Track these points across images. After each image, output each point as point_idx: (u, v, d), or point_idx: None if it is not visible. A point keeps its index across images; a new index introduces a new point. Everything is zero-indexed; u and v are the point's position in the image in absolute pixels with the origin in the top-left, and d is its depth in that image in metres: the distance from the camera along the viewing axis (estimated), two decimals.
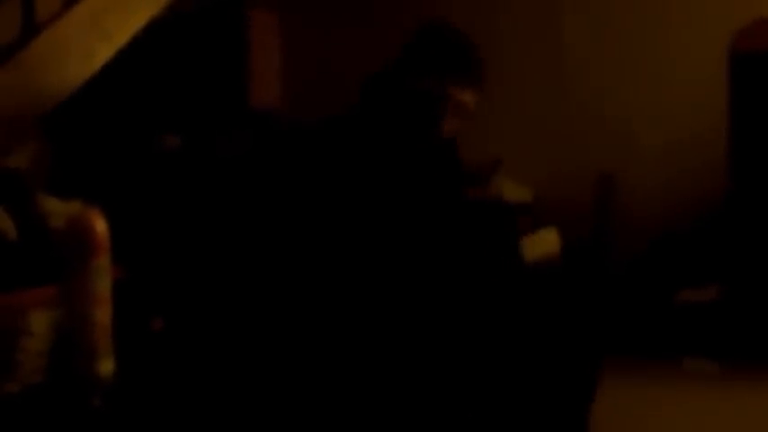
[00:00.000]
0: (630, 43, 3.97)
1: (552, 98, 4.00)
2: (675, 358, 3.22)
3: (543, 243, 2.54)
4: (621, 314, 3.44)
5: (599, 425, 2.19)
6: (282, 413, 1.62)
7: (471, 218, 1.99)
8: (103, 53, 2.21)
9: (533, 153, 3.87)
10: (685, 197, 3.83)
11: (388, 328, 1.74)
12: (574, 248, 3.16)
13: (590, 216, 3.77)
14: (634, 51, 3.96)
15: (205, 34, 3.64)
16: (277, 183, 2.00)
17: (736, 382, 3.07)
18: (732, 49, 3.74)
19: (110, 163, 2.87)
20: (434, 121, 1.94)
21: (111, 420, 1.43)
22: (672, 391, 2.92)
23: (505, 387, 1.87)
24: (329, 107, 2.28)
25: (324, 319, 1.71)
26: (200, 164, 2.81)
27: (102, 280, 1.44)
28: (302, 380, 1.66)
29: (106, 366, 1.45)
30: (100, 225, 1.46)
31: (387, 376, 1.68)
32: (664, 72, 3.94)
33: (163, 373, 1.60)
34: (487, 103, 4.04)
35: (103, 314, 1.44)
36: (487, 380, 1.82)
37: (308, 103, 3.67)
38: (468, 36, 2.17)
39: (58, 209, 1.72)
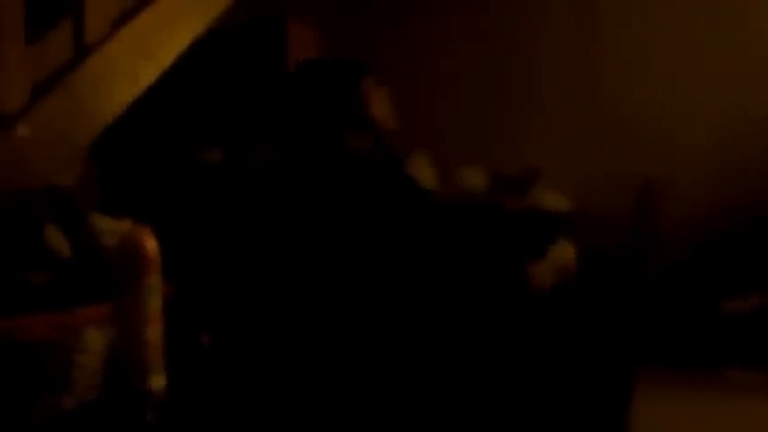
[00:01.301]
0: (670, 42, 3.93)
1: (591, 104, 3.98)
2: (719, 370, 3.18)
3: (558, 258, 2.52)
4: (662, 323, 3.41)
5: None
6: (326, 423, 1.65)
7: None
8: (149, 73, 2.26)
9: (573, 161, 3.86)
10: (730, 201, 3.78)
11: (415, 351, 1.77)
12: (614, 256, 3.15)
13: (633, 223, 3.75)
14: (674, 51, 3.92)
15: (244, 49, 3.70)
16: (315, 198, 2.03)
17: None
18: None
19: (154, 179, 2.93)
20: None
21: None
22: (714, 405, 2.88)
23: (538, 401, 1.88)
24: None
25: (373, 334, 1.73)
26: (242, 178, 2.86)
27: (154, 298, 1.49)
28: (345, 393, 1.69)
29: (158, 382, 1.49)
30: (151, 244, 1.50)
31: (415, 396, 1.70)
32: (706, 71, 3.89)
33: (212, 388, 1.64)
34: (525, 112, 4.06)
35: (155, 331, 1.49)
36: (518, 395, 1.83)
37: None
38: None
39: (109, 228, 1.77)
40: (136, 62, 2.22)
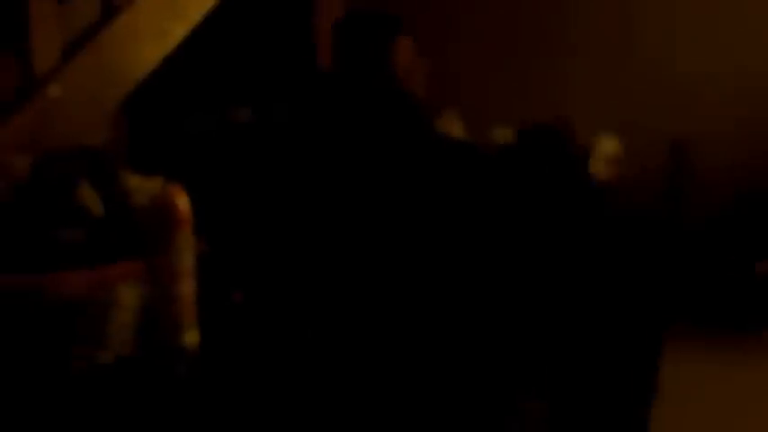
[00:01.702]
0: (705, 2, 3.86)
1: (624, 62, 3.93)
2: (755, 331, 3.14)
3: (605, 151, 2.53)
4: (695, 284, 3.38)
5: (666, 398, 2.17)
6: (356, 379, 1.66)
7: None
8: (178, 32, 2.26)
9: (605, 120, 3.81)
10: (764, 158, 3.73)
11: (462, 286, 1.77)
12: (647, 216, 3.12)
13: (664, 181, 3.71)
14: (709, 11, 3.85)
15: (272, 6, 3.68)
16: (347, 155, 2.02)
17: None
18: None
19: (185, 137, 2.94)
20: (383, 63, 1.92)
21: (195, 388, 1.49)
22: (746, 365, 2.86)
23: (568, 356, 1.88)
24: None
25: (397, 294, 1.73)
26: (271, 136, 2.85)
27: (186, 255, 1.50)
28: (378, 350, 1.69)
29: (191, 338, 1.51)
30: (182, 201, 1.51)
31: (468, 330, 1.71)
32: (740, 31, 3.82)
33: (244, 344, 1.66)
34: (559, 70, 4.00)
35: (187, 287, 1.50)
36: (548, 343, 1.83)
37: None
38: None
39: (140, 186, 1.78)
40: (165, 21, 2.22)
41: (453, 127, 3.03)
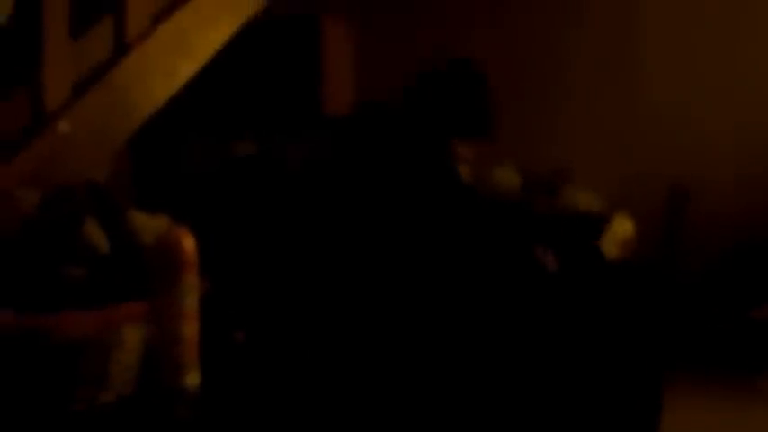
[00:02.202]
0: (706, 45, 3.90)
1: (623, 105, 3.96)
2: (749, 377, 3.16)
3: (619, 232, 2.54)
4: (693, 329, 3.39)
5: None
6: (361, 420, 1.67)
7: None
8: (187, 71, 2.29)
9: (605, 164, 3.84)
10: (762, 207, 3.75)
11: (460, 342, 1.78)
12: (645, 260, 3.13)
13: (662, 227, 3.73)
14: (709, 53, 3.89)
15: (279, 42, 3.72)
16: (351, 191, 2.04)
17: None
18: None
19: (189, 173, 2.96)
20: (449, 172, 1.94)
21: (196, 430, 1.50)
22: (744, 413, 2.86)
23: (569, 404, 1.89)
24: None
25: (408, 332, 1.75)
26: (275, 171, 2.87)
27: (190, 296, 1.51)
28: (383, 391, 1.70)
29: (192, 379, 1.51)
30: (188, 243, 1.53)
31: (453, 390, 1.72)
32: (740, 80, 3.87)
33: (246, 385, 1.66)
34: (560, 114, 4.04)
35: (190, 329, 1.51)
36: (548, 396, 1.84)
37: None
38: (482, 75, 2.06)
39: (146, 224, 1.80)
40: (174, 60, 2.25)
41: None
